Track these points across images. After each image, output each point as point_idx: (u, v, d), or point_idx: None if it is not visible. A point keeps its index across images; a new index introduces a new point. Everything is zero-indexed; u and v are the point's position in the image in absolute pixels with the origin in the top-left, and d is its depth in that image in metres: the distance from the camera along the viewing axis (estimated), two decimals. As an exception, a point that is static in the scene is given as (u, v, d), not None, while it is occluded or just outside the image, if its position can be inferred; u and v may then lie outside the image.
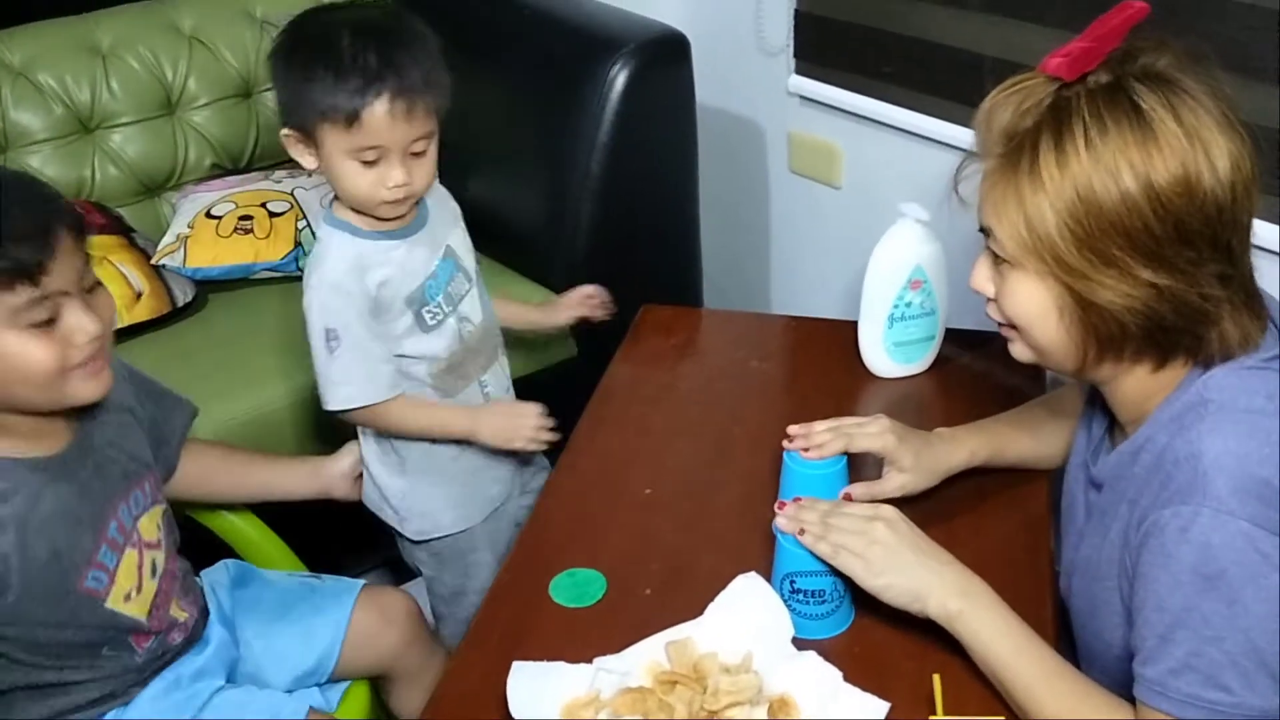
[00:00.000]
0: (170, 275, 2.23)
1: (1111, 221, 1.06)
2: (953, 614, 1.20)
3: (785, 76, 2.32)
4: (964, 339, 1.78)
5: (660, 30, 2.20)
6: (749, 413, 1.70)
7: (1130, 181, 1.05)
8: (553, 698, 1.21)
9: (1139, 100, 1.06)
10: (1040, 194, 1.08)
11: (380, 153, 1.48)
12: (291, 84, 1.49)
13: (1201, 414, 1.10)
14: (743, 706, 1.18)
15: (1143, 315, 1.09)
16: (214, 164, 2.50)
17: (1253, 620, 1.04)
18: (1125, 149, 1.05)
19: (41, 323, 1.22)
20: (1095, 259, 1.07)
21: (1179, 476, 1.08)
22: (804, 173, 2.41)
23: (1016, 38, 1.85)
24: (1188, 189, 1.04)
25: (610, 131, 2.14)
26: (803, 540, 1.27)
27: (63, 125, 2.36)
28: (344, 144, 1.47)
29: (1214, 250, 1.07)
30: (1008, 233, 1.12)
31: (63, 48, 2.38)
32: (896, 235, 1.69)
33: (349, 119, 1.45)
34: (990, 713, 1.17)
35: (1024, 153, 1.09)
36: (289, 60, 1.50)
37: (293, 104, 1.50)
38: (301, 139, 1.52)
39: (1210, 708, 1.05)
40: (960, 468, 1.47)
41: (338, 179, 1.52)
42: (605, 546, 1.47)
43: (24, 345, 1.22)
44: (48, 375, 1.24)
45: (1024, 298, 1.15)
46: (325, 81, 1.45)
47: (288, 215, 2.27)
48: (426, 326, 1.61)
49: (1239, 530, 1.03)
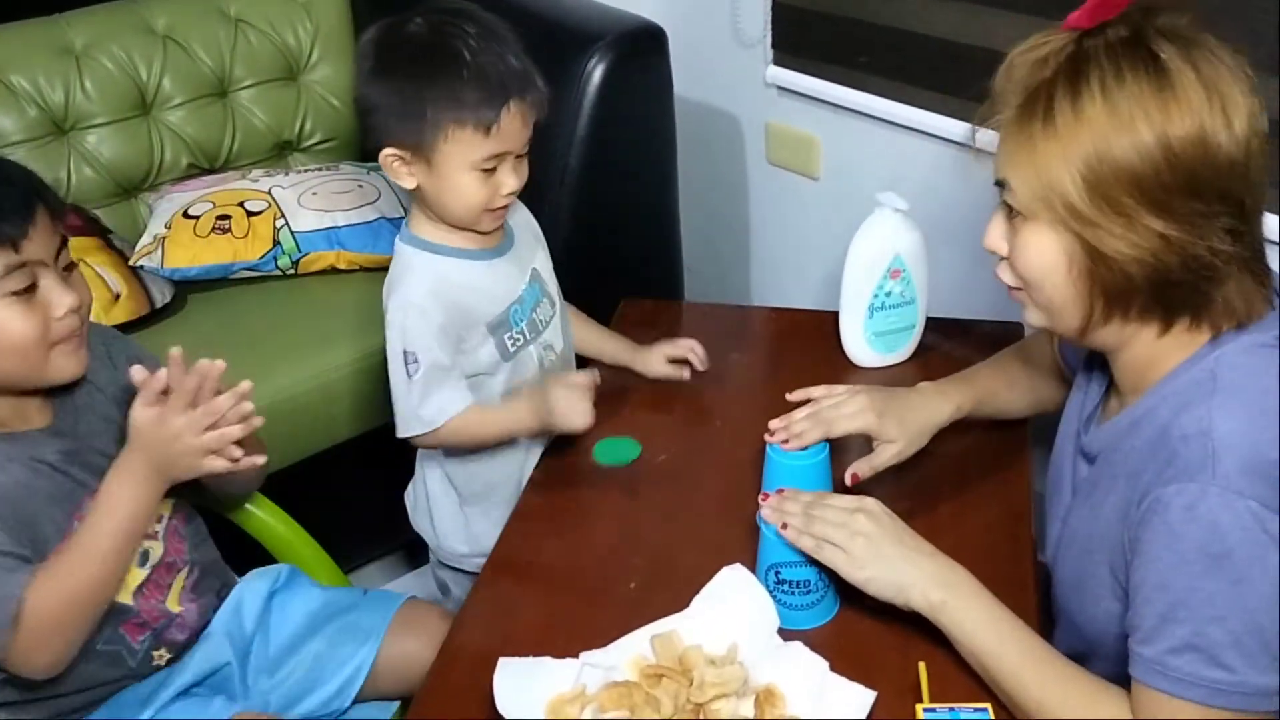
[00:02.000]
0: (148, 276, 2.21)
1: (1124, 170, 1.05)
2: (935, 605, 1.20)
3: (762, 68, 2.32)
4: (944, 328, 1.79)
5: (637, 23, 2.19)
6: (731, 405, 1.70)
7: (1145, 132, 1.04)
8: (539, 694, 1.21)
9: (1158, 51, 1.06)
10: (1054, 141, 1.08)
11: (500, 160, 1.46)
12: (400, 100, 1.44)
13: (1210, 390, 1.09)
14: (729, 699, 1.18)
15: (1150, 267, 1.08)
16: (190, 164, 2.48)
17: (1258, 600, 1.04)
18: (1141, 99, 1.05)
19: (20, 291, 1.27)
20: (1106, 207, 1.07)
21: (1186, 453, 1.07)
22: (782, 164, 2.41)
23: (992, 26, 1.85)
24: (1202, 142, 1.04)
25: (588, 125, 2.13)
26: (785, 535, 1.27)
27: (37, 127, 2.35)
28: (474, 153, 1.44)
29: (1224, 204, 1.06)
30: (1021, 182, 1.11)
31: (35, 49, 2.37)
32: (875, 225, 1.69)
33: (488, 126, 1.42)
34: (976, 700, 1.17)
35: (1039, 101, 1.09)
36: (391, 76, 1.44)
37: (405, 120, 1.44)
38: (408, 158, 1.47)
39: (1211, 686, 1.05)
40: (948, 422, 1.48)
41: (450, 192, 1.47)
42: (589, 540, 1.47)
43: (4, 313, 1.26)
44: (29, 344, 1.28)
45: (1035, 251, 1.14)
46: (457, 90, 1.41)
47: (265, 214, 2.26)
48: (508, 354, 1.58)
49: (1247, 510, 1.03)
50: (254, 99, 2.55)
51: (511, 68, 1.44)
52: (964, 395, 1.49)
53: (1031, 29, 1.14)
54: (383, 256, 2.23)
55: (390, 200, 2.31)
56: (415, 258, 1.53)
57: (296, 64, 2.59)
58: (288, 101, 2.58)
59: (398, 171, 1.49)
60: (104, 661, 1.40)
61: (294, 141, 2.60)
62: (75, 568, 1.29)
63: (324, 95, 2.59)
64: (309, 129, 2.60)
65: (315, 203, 2.29)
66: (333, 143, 2.62)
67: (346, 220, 2.27)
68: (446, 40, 1.43)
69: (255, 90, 2.55)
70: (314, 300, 2.24)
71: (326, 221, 2.26)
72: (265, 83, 2.55)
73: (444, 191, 1.48)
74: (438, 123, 1.43)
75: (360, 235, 2.26)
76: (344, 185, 2.35)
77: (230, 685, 1.50)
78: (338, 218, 2.27)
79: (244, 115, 2.53)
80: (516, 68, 1.45)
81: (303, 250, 2.25)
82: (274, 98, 2.56)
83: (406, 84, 1.43)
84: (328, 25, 2.60)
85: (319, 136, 2.61)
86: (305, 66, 2.59)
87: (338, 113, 2.60)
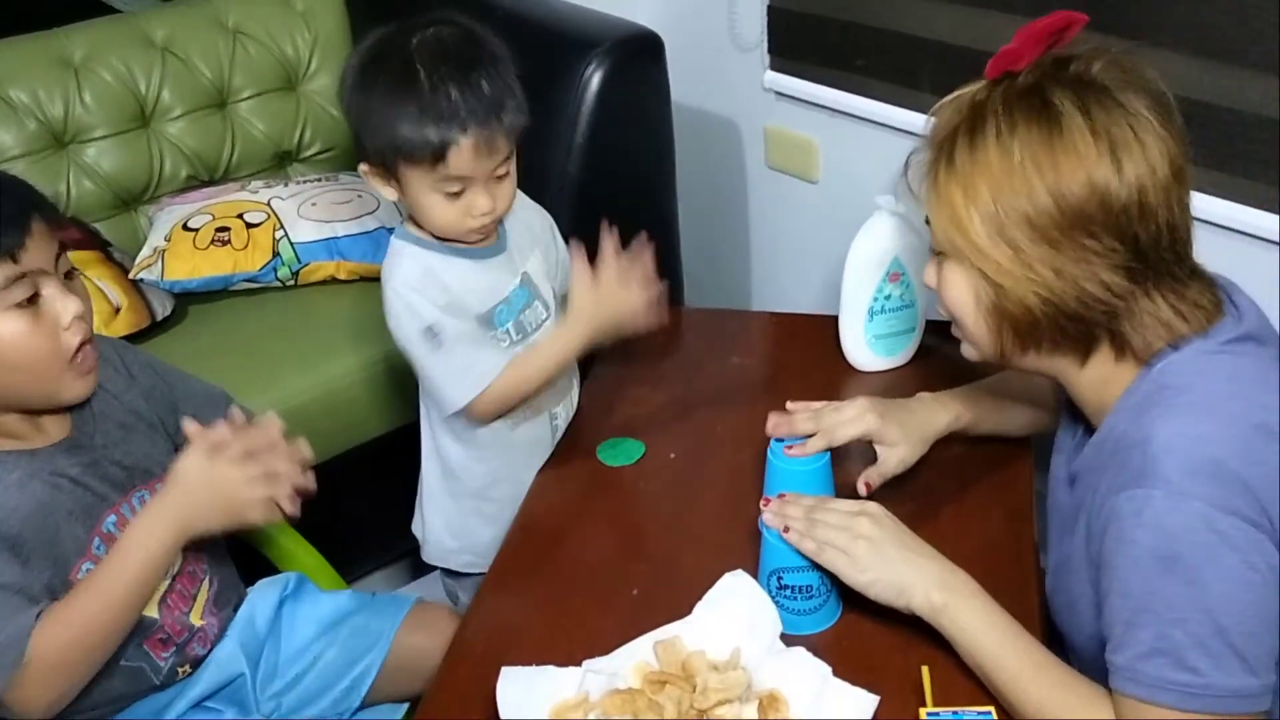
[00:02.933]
0: (148, 289, 2.22)
1: (1018, 212, 1.11)
2: (937, 608, 1.21)
3: (760, 72, 2.32)
4: (945, 330, 1.77)
5: (634, 29, 2.19)
6: (732, 410, 1.70)
7: (1035, 178, 1.10)
8: (542, 701, 1.20)
9: (1052, 99, 1.11)
10: (954, 181, 1.14)
11: (465, 184, 1.45)
12: (369, 119, 1.45)
13: (1157, 399, 1.12)
14: (732, 704, 1.18)
15: (1047, 301, 1.13)
16: (190, 176, 2.49)
17: (1214, 600, 1.05)
18: (1031, 146, 1.10)
19: (24, 302, 1.26)
20: (1003, 244, 1.12)
21: (1132, 461, 1.10)
22: (781, 168, 2.41)
23: (990, 29, 1.85)
24: (1091, 187, 1.09)
25: (586, 132, 2.14)
26: (787, 538, 1.27)
27: (36, 140, 2.35)
28: (428, 180, 1.44)
29: (1119, 242, 1.10)
30: (935, 222, 1.18)
31: (34, 62, 2.37)
32: (874, 228, 1.70)
33: (434, 157, 1.41)
34: (979, 704, 1.17)
35: (945, 146, 1.15)
36: (365, 94, 1.45)
37: (371, 139, 1.45)
38: (381, 173, 1.48)
39: (1181, 690, 1.06)
40: (946, 430, 1.50)
41: (422, 211, 1.49)
42: (591, 547, 1.47)
43: (10, 325, 1.25)
44: (42, 358, 1.28)
45: (951, 287, 1.20)
46: (406, 119, 1.40)
47: (265, 225, 2.26)
48: None
49: (1193, 510, 1.05)
50: (253, 110, 2.55)
51: (475, 96, 1.42)
52: (962, 407, 1.50)
53: (1027, 31, 1.15)
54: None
55: (390, 210, 2.31)
56: (405, 249, 1.54)
57: (295, 74, 2.59)
58: (287, 112, 2.58)
59: (375, 185, 1.51)
60: (126, 678, 1.39)
61: (293, 152, 2.60)
62: (87, 611, 1.27)
63: (323, 105, 2.60)
64: (308, 139, 2.61)
65: (315, 213, 2.29)
66: (332, 153, 2.62)
67: (346, 230, 2.27)
68: (413, 64, 1.42)
69: (254, 101, 2.55)
70: (314, 311, 2.24)
71: (326, 232, 2.26)
72: (264, 93, 2.56)
73: (417, 210, 1.49)
74: (390, 151, 1.44)
75: (360, 245, 2.26)
76: (343, 195, 2.35)
77: (244, 696, 1.50)
78: (337, 228, 2.27)
79: (243, 126, 2.54)
80: (484, 95, 1.42)
81: (302, 261, 2.25)
82: (273, 108, 2.57)
83: (372, 105, 1.44)
84: (326, 35, 2.60)
85: (318, 146, 2.61)
86: (304, 77, 2.60)
87: (337, 123, 2.61)
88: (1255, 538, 1.05)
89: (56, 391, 1.32)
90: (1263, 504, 1.05)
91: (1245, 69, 1.56)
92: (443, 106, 1.40)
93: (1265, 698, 1.07)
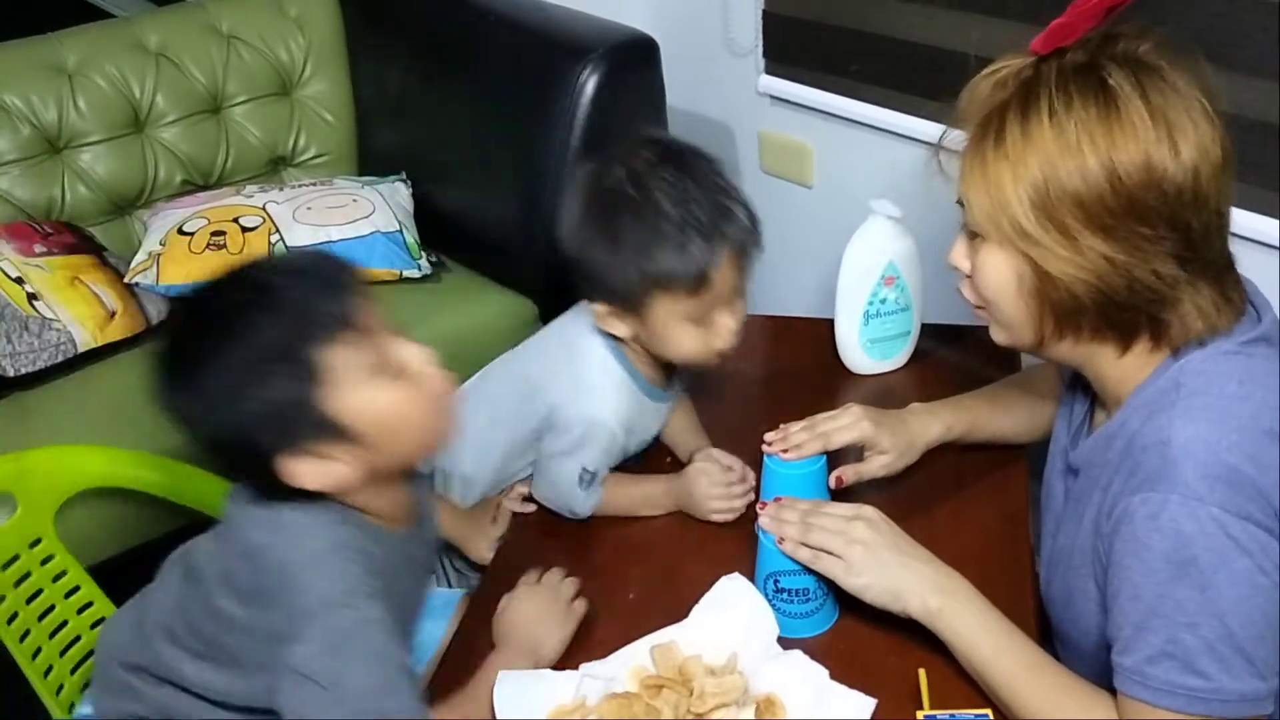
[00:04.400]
0: (144, 294, 2.22)
1: (1069, 192, 1.07)
2: (933, 611, 1.21)
3: (754, 77, 2.33)
4: (940, 333, 1.79)
5: (628, 34, 2.20)
6: (728, 413, 1.70)
7: (1090, 158, 1.06)
8: (539, 705, 1.21)
9: (1108, 78, 1.07)
10: (1003, 161, 1.09)
11: (718, 305, 1.38)
12: (615, 259, 1.34)
13: (1173, 399, 1.10)
14: (729, 708, 1.18)
15: (1095, 289, 1.10)
16: (184, 180, 2.49)
17: (1226, 605, 1.04)
18: (1088, 125, 1.06)
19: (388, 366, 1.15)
20: (1051, 228, 1.08)
21: (1148, 463, 1.08)
22: (776, 172, 2.41)
23: (983, 32, 1.86)
24: (1148, 170, 1.05)
25: (581, 136, 2.14)
26: (782, 548, 1.27)
27: (31, 146, 2.35)
28: (681, 308, 1.36)
29: (1172, 230, 1.07)
30: (976, 202, 1.13)
31: (28, 68, 2.37)
32: (869, 232, 1.70)
33: (696, 284, 1.33)
34: (976, 707, 1.17)
35: (993, 123, 1.11)
36: (605, 234, 1.35)
37: (617, 278, 1.36)
38: (619, 310, 1.40)
39: (1189, 694, 1.06)
40: (937, 441, 1.49)
41: (666, 342, 1.40)
42: (587, 552, 1.46)
43: (387, 394, 1.13)
44: (427, 411, 1.18)
45: (990, 270, 1.16)
46: (662, 249, 1.32)
47: (260, 230, 2.26)
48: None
49: (1209, 516, 1.04)
50: (247, 115, 2.55)
51: (720, 210, 1.34)
52: (954, 417, 1.50)
53: (1022, 35, 1.14)
54: (377, 270, 2.23)
55: (385, 214, 2.31)
56: (611, 375, 1.46)
57: (289, 79, 2.59)
58: (281, 117, 2.58)
59: (610, 323, 1.42)
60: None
61: (288, 157, 2.60)
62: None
63: (317, 110, 2.60)
64: (303, 144, 2.61)
65: (310, 217, 2.29)
66: (326, 157, 2.62)
67: (341, 235, 2.27)
68: (649, 192, 1.33)
69: (248, 106, 2.56)
70: (310, 315, 2.23)
71: (321, 236, 2.26)
72: (258, 98, 2.56)
73: (659, 343, 1.41)
74: (644, 285, 1.35)
75: (355, 249, 2.26)
76: (338, 200, 2.35)
77: None
78: (332, 232, 2.27)
79: (237, 131, 2.54)
80: (726, 207, 1.35)
81: (298, 265, 2.25)
82: (267, 113, 2.57)
83: (609, 243, 1.35)
84: (320, 40, 2.60)
85: (313, 151, 2.61)
86: (298, 82, 2.60)
87: (331, 127, 2.61)
88: (1266, 542, 1.04)
89: (438, 440, 1.24)
90: (1276, 508, 1.05)
91: (1238, 72, 1.57)
92: (697, 228, 1.32)
93: (1269, 701, 1.07)
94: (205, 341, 1.11)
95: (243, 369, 1.08)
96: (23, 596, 1.55)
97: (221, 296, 1.15)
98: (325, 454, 1.11)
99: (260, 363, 1.08)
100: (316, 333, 1.09)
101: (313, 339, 1.09)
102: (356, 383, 1.10)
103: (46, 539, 1.60)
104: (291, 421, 1.09)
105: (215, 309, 1.14)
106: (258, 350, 1.08)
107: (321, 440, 1.11)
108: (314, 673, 1.07)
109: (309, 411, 1.09)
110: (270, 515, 1.14)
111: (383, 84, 2.57)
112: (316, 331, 1.09)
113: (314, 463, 1.11)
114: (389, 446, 1.14)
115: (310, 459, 1.11)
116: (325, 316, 1.10)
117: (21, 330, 2.07)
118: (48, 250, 2.21)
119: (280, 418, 1.09)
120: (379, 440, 1.12)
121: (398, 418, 1.14)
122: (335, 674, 1.07)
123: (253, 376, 1.08)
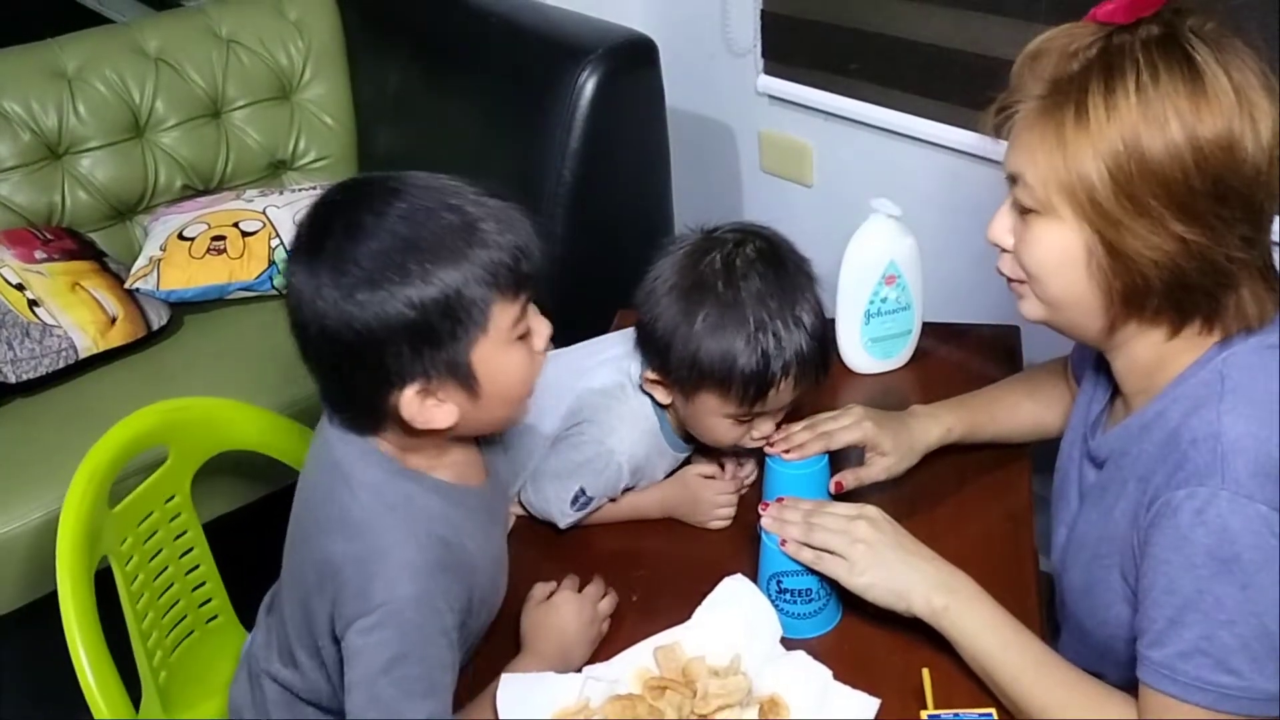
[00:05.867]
0: (144, 299, 2.22)
1: (1153, 170, 1.04)
2: (937, 610, 1.20)
3: (754, 77, 2.33)
4: (941, 333, 1.79)
5: (627, 35, 2.20)
6: (729, 414, 1.70)
7: (1176, 131, 1.03)
8: (542, 708, 1.20)
9: (1193, 52, 1.05)
10: (1084, 136, 1.06)
11: (763, 415, 1.39)
12: (687, 344, 1.33)
13: (1219, 392, 1.08)
14: (733, 709, 1.18)
15: (1167, 270, 1.07)
16: (185, 185, 2.49)
17: (1266, 604, 1.03)
18: (1175, 99, 1.03)
19: (525, 335, 1.19)
20: (1130, 206, 1.05)
21: (1196, 457, 1.06)
22: (775, 172, 2.41)
23: (981, 31, 1.86)
24: (1230, 147, 1.03)
25: (581, 138, 2.14)
26: (785, 550, 1.27)
27: (31, 151, 2.35)
28: (729, 410, 1.36)
29: (1246, 211, 1.05)
30: (1043, 175, 1.09)
31: (27, 74, 2.38)
32: (869, 231, 1.69)
33: (752, 399, 1.34)
34: (980, 706, 1.17)
35: (1070, 95, 1.07)
36: (684, 317, 1.34)
37: (679, 361, 1.35)
38: (666, 383, 1.40)
39: (1219, 691, 1.05)
40: (938, 443, 1.48)
41: (700, 428, 1.41)
42: (590, 553, 1.46)
43: (515, 357, 1.18)
44: (529, 385, 1.22)
45: (1048, 245, 1.12)
46: (728, 355, 1.31)
47: (261, 234, 2.27)
48: None
49: (1257, 514, 1.03)
50: (247, 119, 2.56)
51: (800, 335, 1.33)
52: (955, 419, 1.49)
53: (1020, 33, 1.14)
54: (379, 273, 2.23)
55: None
56: (643, 422, 1.46)
57: (289, 83, 2.60)
58: (281, 120, 2.59)
59: (654, 388, 1.42)
60: None
61: (288, 160, 2.61)
62: None
63: (317, 113, 2.60)
64: (303, 148, 2.61)
65: (310, 221, 2.29)
66: (326, 160, 2.63)
67: (342, 238, 2.27)
68: (735, 293, 1.33)
69: (248, 110, 2.56)
70: (311, 319, 2.24)
71: (322, 239, 2.26)
72: (258, 102, 2.57)
73: (692, 422, 1.43)
74: (700, 379, 1.35)
75: (356, 252, 2.26)
76: (338, 203, 2.35)
77: None
78: (333, 235, 2.27)
79: (237, 135, 2.54)
80: (807, 332, 1.34)
81: (299, 269, 2.25)
82: (267, 117, 2.57)
83: (688, 332, 1.34)
84: (320, 43, 2.61)
85: (313, 155, 2.62)
86: (298, 85, 2.60)
87: (331, 130, 2.61)
88: None
89: (520, 412, 1.27)
90: None
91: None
92: (772, 349, 1.32)
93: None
94: (396, 230, 1.11)
95: (420, 280, 1.09)
96: (147, 555, 1.53)
97: (429, 211, 1.14)
98: (440, 395, 1.14)
99: (440, 292, 1.10)
100: (499, 285, 1.13)
101: (491, 288, 1.12)
102: (503, 342, 1.15)
103: (180, 496, 1.58)
104: (436, 350, 1.12)
105: (419, 217, 1.13)
106: (439, 284, 1.10)
107: (449, 380, 1.13)
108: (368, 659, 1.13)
109: (458, 351, 1.12)
110: (357, 505, 1.17)
111: (382, 87, 2.57)
112: (499, 284, 1.13)
113: (427, 400, 1.14)
114: (492, 406, 1.18)
115: (425, 395, 1.13)
116: (511, 275, 1.14)
117: (23, 336, 2.07)
118: (48, 256, 2.22)
119: (430, 340, 1.11)
120: (490, 398, 1.16)
121: (516, 383, 1.19)
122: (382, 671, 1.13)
123: (426, 293, 1.09)
